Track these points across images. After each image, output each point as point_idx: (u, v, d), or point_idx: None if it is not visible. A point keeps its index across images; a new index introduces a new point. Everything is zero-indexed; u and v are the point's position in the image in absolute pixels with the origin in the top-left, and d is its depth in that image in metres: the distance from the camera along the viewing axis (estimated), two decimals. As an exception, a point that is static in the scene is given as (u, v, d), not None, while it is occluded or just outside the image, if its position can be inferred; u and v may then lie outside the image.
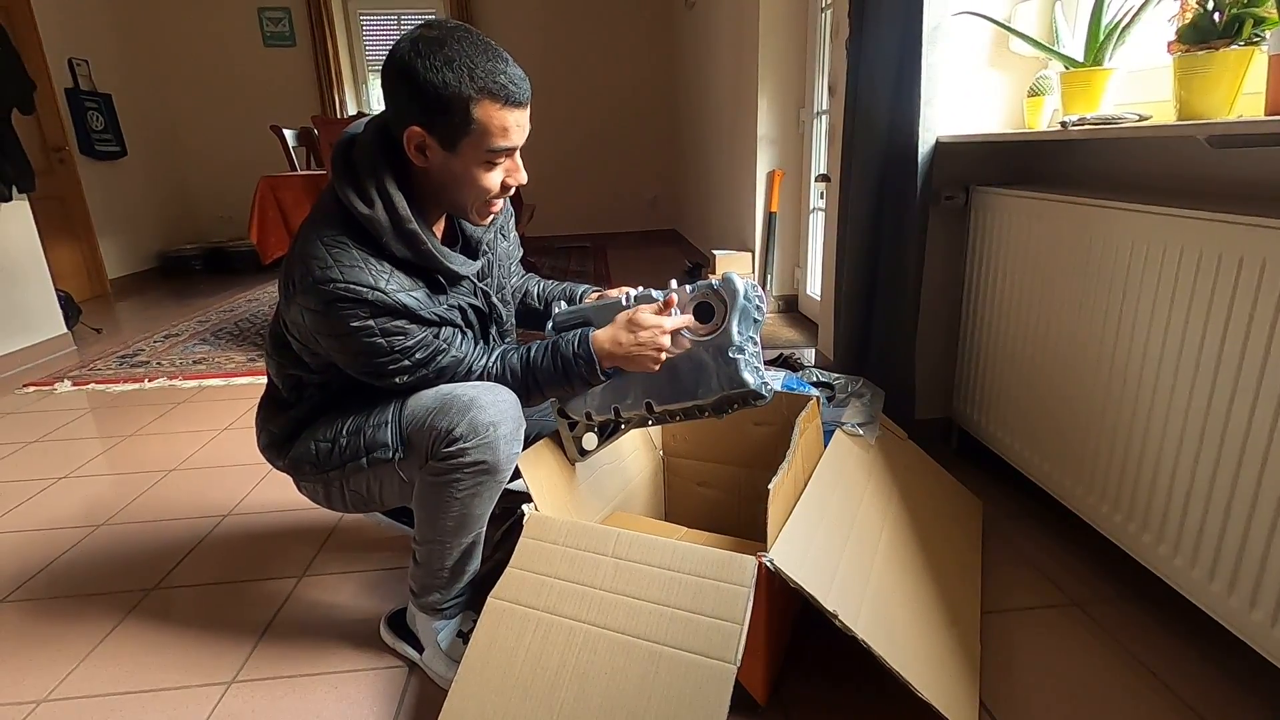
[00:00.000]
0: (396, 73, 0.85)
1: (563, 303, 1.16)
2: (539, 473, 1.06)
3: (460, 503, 0.97)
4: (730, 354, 0.96)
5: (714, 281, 0.99)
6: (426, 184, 0.94)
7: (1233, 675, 1.01)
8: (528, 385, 1.02)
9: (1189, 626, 1.10)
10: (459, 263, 0.98)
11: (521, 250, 1.26)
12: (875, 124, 1.60)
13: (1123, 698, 0.99)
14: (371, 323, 0.90)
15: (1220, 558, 0.98)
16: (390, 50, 0.86)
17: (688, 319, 1.00)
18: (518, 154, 0.94)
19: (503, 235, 1.16)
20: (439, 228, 1.02)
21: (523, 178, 0.95)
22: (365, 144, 0.92)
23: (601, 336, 0.99)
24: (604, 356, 0.99)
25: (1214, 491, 0.98)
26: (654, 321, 0.97)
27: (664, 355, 0.99)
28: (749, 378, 0.96)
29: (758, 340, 0.99)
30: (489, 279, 1.09)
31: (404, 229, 0.91)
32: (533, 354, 1.02)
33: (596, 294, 1.17)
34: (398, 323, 0.92)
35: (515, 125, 0.89)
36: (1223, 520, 0.97)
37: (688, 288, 1.01)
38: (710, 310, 0.99)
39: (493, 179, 0.93)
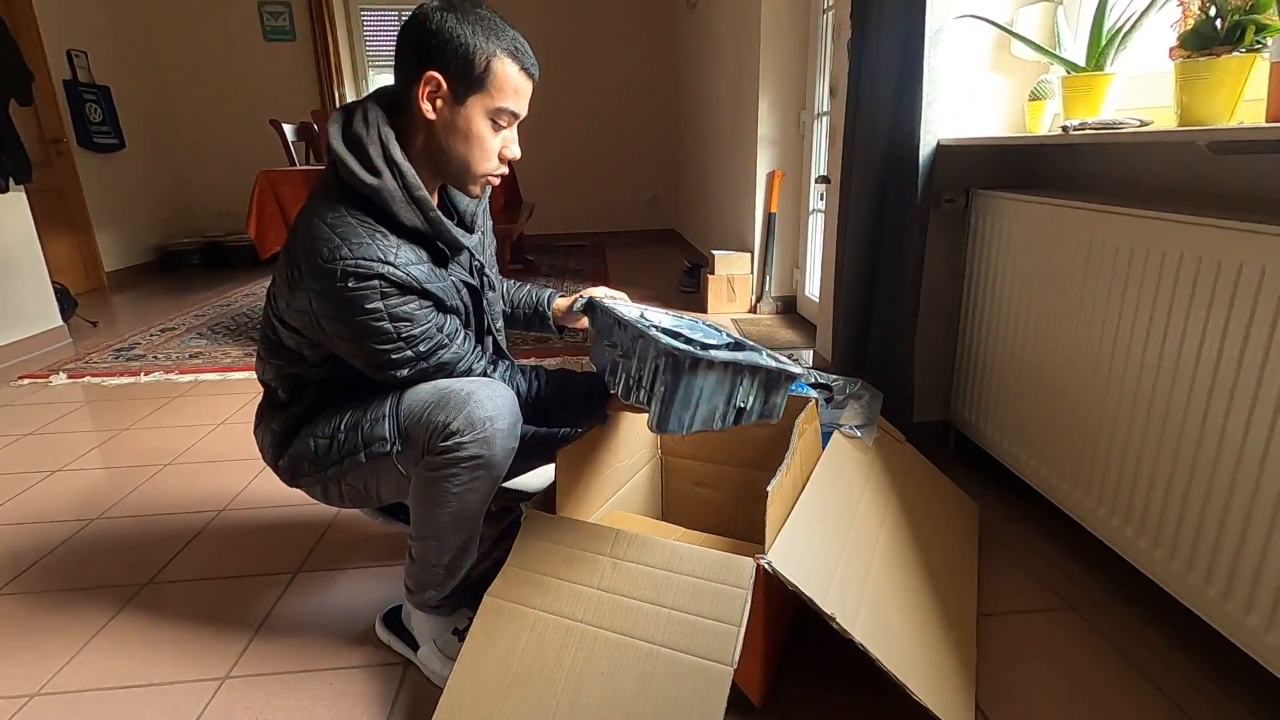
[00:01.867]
0: (423, 24, 0.89)
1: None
2: (570, 470, 1.07)
3: (456, 498, 0.96)
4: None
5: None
6: (427, 147, 0.96)
7: (1227, 680, 1.02)
8: (536, 413, 1.07)
9: (1184, 631, 1.11)
10: (460, 233, 1.00)
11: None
12: (876, 126, 1.60)
13: (1118, 701, 0.99)
14: (381, 305, 0.90)
15: (1215, 563, 0.98)
16: (417, 10, 0.90)
17: None
18: (515, 128, 0.98)
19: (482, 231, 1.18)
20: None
21: (517, 152, 0.99)
22: (365, 113, 0.94)
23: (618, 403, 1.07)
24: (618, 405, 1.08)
25: (1210, 496, 0.98)
26: None
27: None
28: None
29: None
30: (482, 257, 1.11)
31: (415, 194, 0.93)
32: (543, 389, 1.07)
33: (563, 298, 1.24)
34: (407, 307, 0.92)
35: (525, 93, 0.95)
36: (1218, 525, 0.97)
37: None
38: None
39: (493, 143, 0.96)
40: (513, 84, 0.92)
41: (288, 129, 3.31)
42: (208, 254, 5.15)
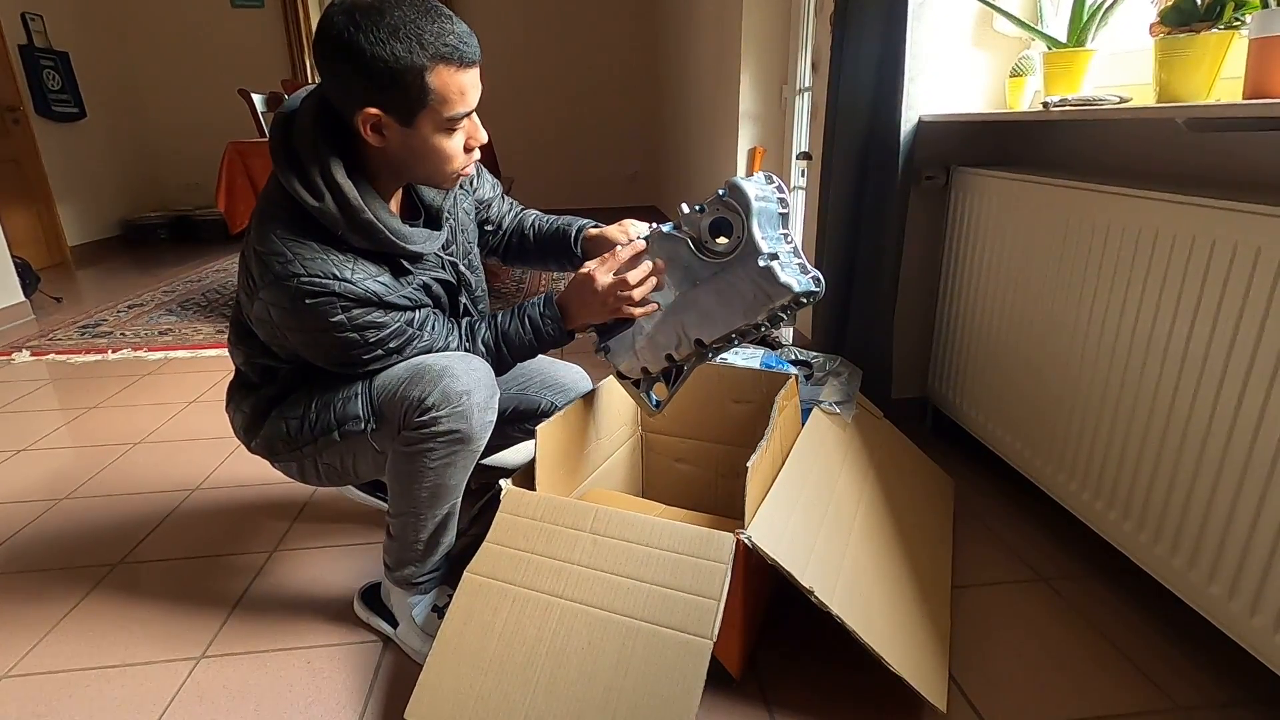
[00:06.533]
0: (337, 51, 0.78)
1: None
2: (550, 446, 1.05)
3: (434, 473, 0.95)
4: (761, 264, 0.89)
5: (721, 191, 0.89)
6: (383, 162, 0.89)
7: (1192, 648, 1.05)
8: (500, 353, 1.02)
9: (1152, 601, 1.13)
10: (421, 240, 0.95)
11: (499, 184, 1.23)
12: (858, 102, 1.59)
13: (1086, 670, 1.02)
14: (343, 318, 0.87)
15: (1182, 535, 1.00)
16: (322, 24, 0.79)
17: (646, 266, 0.96)
18: (474, 116, 0.90)
19: (465, 191, 1.12)
20: (396, 202, 0.98)
21: (483, 137, 0.91)
22: (304, 126, 0.86)
23: (565, 294, 1.00)
24: (573, 315, 1.00)
25: (1178, 470, 1.00)
26: (609, 283, 0.96)
27: (644, 304, 0.98)
28: (790, 281, 0.88)
29: (789, 233, 0.93)
30: (454, 246, 1.06)
31: (358, 220, 0.86)
32: (499, 320, 1.02)
33: (596, 231, 1.13)
34: (371, 315, 0.89)
35: (471, 86, 0.85)
36: (1185, 498, 0.99)
37: (697, 207, 0.93)
38: (729, 225, 0.92)
39: (455, 145, 0.88)
40: (456, 88, 0.82)
41: (257, 99, 3.20)
42: (176, 228, 5.01)
